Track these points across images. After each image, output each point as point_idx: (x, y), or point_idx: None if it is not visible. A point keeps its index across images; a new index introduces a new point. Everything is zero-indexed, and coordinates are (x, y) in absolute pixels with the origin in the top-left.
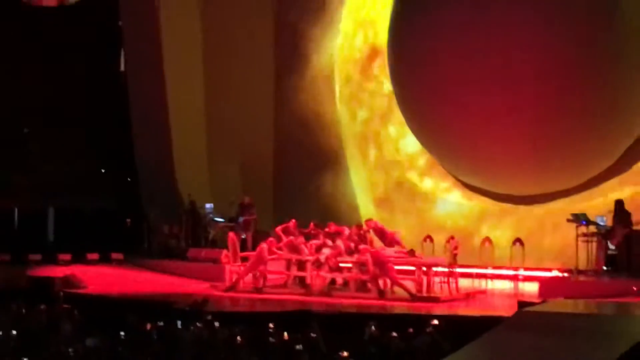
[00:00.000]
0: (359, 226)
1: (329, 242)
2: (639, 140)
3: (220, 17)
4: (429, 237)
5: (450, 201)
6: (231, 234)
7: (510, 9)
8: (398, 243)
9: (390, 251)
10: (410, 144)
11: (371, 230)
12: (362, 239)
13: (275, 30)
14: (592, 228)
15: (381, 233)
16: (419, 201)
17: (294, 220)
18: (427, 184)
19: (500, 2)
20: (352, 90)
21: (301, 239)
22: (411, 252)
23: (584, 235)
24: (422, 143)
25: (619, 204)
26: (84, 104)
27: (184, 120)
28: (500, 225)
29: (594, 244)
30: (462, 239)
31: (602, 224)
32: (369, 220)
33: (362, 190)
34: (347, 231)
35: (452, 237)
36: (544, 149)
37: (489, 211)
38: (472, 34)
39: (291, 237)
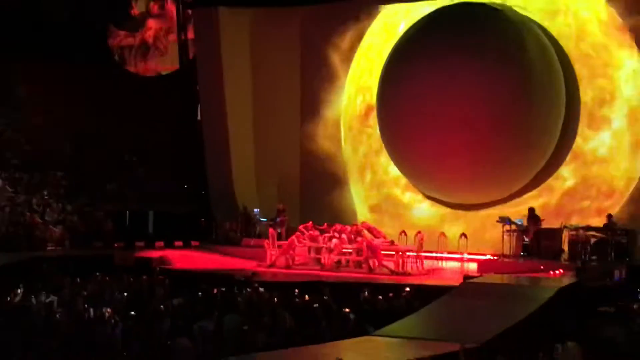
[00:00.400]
0: (357, 225)
1: (337, 235)
2: (543, 169)
3: (264, 84)
4: (404, 232)
5: (421, 208)
6: (271, 230)
7: (456, 80)
8: (383, 236)
9: (377, 241)
10: (395, 170)
11: (364, 229)
12: (359, 233)
13: (301, 93)
14: (514, 227)
15: (371, 230)
16: (400, 208)
17: (311, 222)
18: (406, 197)
19: (449, 77)
20: (354, 134)
21: (317, 233)
22: (392, 242)
23: (508, 231)
24: (399, 170)
25: (531, 210)
26: (174, 142)
27: (239, 154)
28: (454, 225)
29: (515, 237)
30: (427, 233)
31: (519, 223)
32: (363, 222)
33: (360, 202)
34: (348, 228)
35: (419, 232)
36: (482, 173)
37: (446, 215)
38: (430, 98)
39: (311, 232)
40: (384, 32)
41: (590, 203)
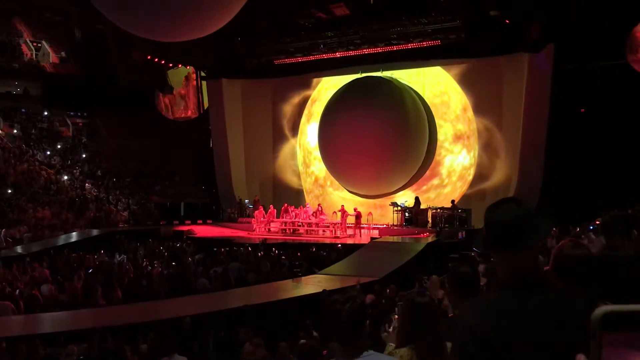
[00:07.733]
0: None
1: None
2: (415, 174)
3: (250, 125)
4: (337, 211)
5: (347, 198)
6: (256, 212)
7: (363, 121)
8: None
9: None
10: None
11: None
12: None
13: (273, 130)
14: (399, 207)
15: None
16: (339, 200)
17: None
18: (342, 194)
19: (359, 120)
20: (306, 158)
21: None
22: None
23: (396, 210)
24: (334, 177)
25: (417, 198)
26: (196, 160)
27: (235, 167)
28: (365, 207)
29: (400, 214)
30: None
31: (403, 205)
32: (319, 204)
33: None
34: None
35: (346, 211)
36: (379, 177)
37: (360, 201)
38: (347, 133)
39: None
40: (322, 94)
41: (444, 193)
